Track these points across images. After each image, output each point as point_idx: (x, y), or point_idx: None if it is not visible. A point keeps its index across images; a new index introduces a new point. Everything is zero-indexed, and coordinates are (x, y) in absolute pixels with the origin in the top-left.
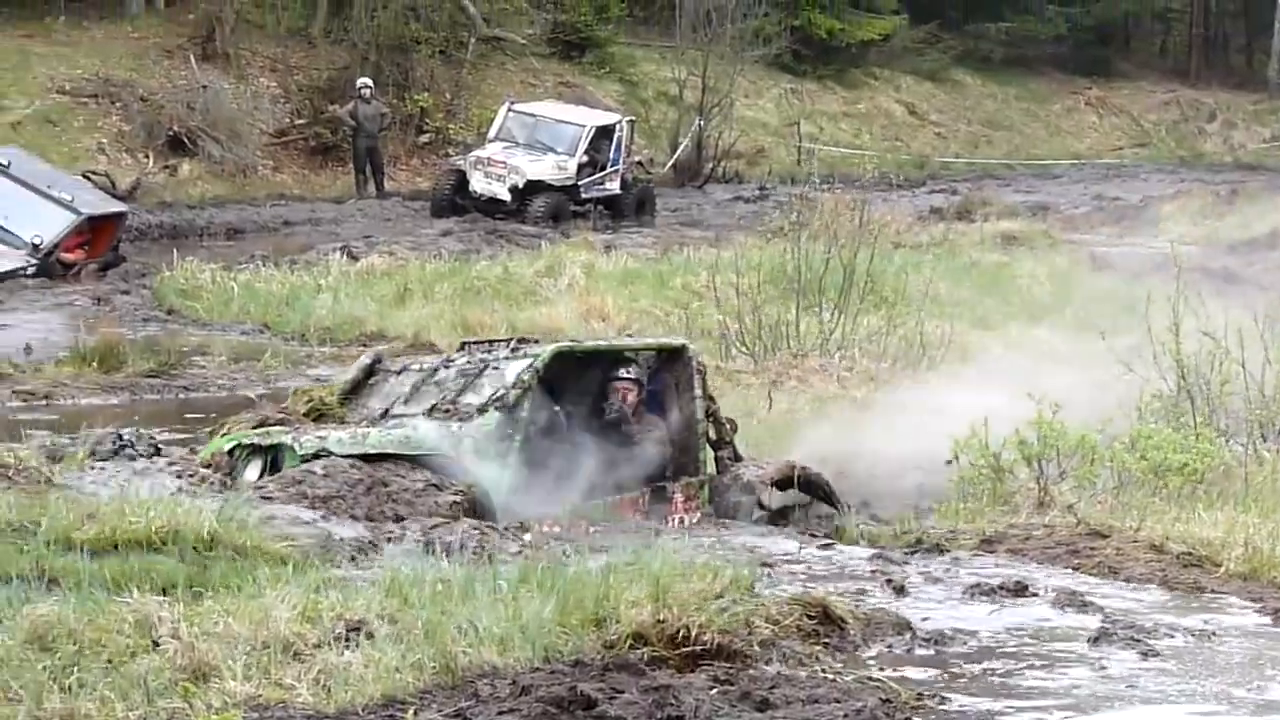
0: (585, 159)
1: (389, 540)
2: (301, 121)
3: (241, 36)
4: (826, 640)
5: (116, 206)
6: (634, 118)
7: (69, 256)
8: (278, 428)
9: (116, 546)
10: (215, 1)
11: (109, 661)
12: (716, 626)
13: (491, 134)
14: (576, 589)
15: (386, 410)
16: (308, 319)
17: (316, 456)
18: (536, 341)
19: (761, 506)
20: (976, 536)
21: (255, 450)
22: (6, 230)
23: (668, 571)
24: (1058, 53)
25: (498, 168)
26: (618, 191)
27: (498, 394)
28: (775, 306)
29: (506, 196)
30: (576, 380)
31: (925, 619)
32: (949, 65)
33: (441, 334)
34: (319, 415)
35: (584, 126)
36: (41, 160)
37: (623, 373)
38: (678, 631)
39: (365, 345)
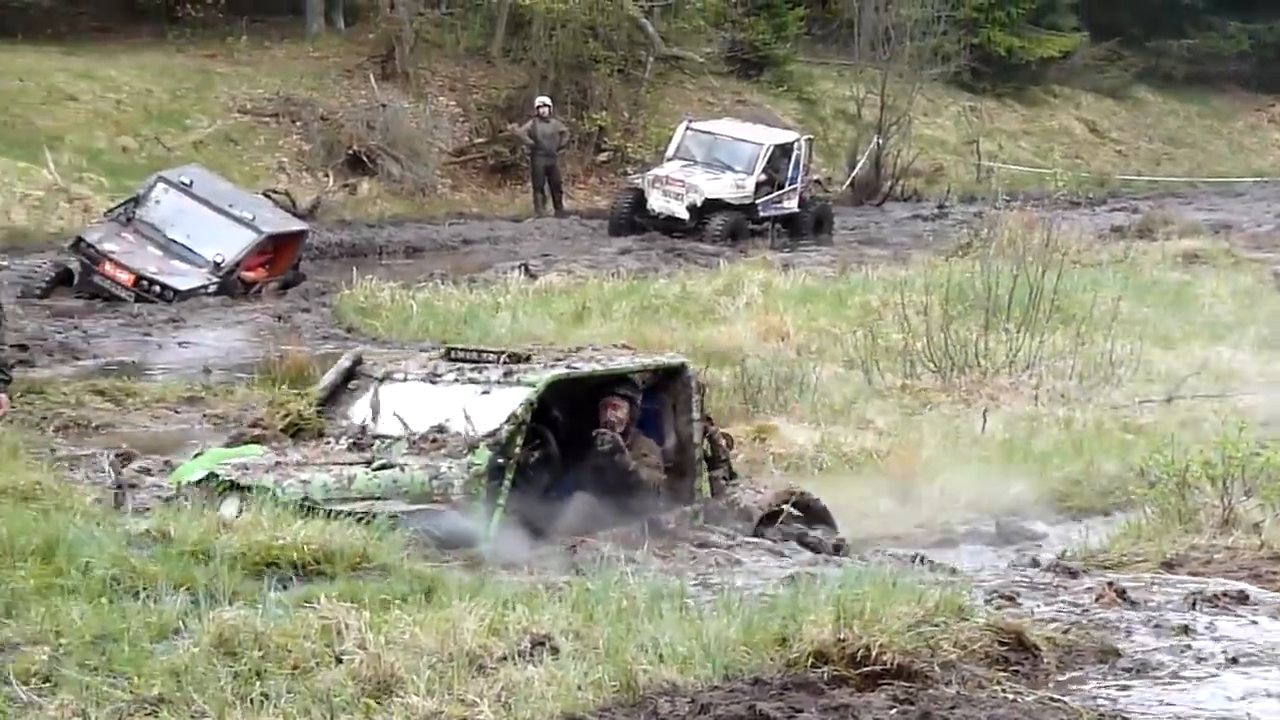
0: (763, 177)
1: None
2: (480, 140)
3: (421, 56)
4: (1017, 667)
5: (297, 225)
6: (812, 136)
7: (250, 275)
8: (254, 448)
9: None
10: (395, 21)
11: (294, 668)
12: (898, 647)
13: (669, 152)
14: (764, 610)
15: (364, 429)
16: (486, 337)
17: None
18: (527, 359)
19: (757, 533)
20: (1157, 558)
21: (232, 486)
22: (189, 249)
23: (852, 593)
24: (1240, 70)
25: (676, 186)
26: (796, 210)
27: (490, 430)
28: (958, 324)
29: (685, 215)
30: (568, 402)
31: (1129, 644)
32: (1130, 82)
33: None
34: (297, 430)
35: (762, 145)
36: (223, 179)
37: (618, 389)
38: (858, 651)
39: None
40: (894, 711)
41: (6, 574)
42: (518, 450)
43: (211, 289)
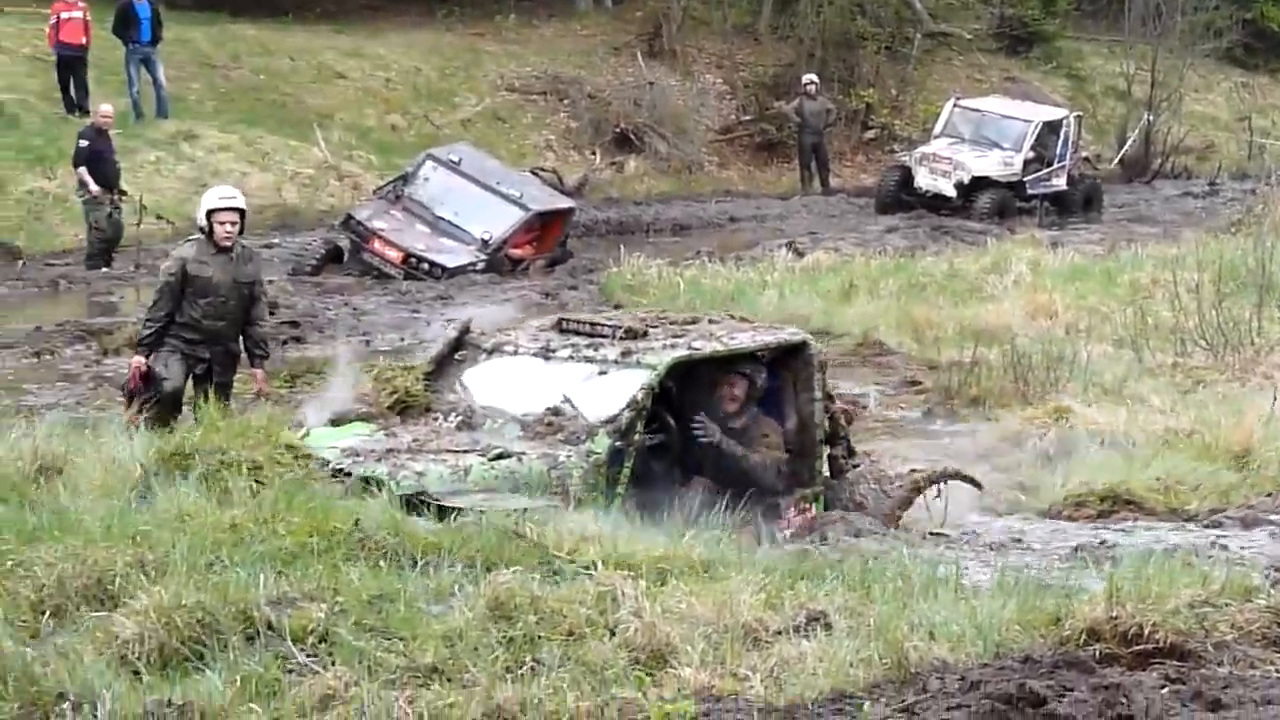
0: (1031, 155)
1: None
2: (747, 118)
3: (688, 33)
4: None
5: (564, 202)
6: (1081, 113)
7: (517, 252)
8: (361, 426)
9: None
10: None
11: (569, 634)
12: (1171, 626)
13: (937, 130)
14: (1039, 590)
15: (472, 407)
16: (753, 316)
17: (413, 499)
18: (644, 334)
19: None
20: None
21: (342, 474)
22: (457, 226)
23: (1132, 572)
24: None
25: (943, 164)
26: (1064, 188)
27: (610, 416)
28: (1230, 302)
29: (952, 193)
30: (685, 378)
31: None
32: None
33: (889, 330)
34: (404, 407)
35: (1030, 122)
36: (491, 157)
37: (739, 366)
38: (1130, 629)
39: None
40: (1165, 690)
41: (283, 535)
42: (637, 436)
43: (479, 266)
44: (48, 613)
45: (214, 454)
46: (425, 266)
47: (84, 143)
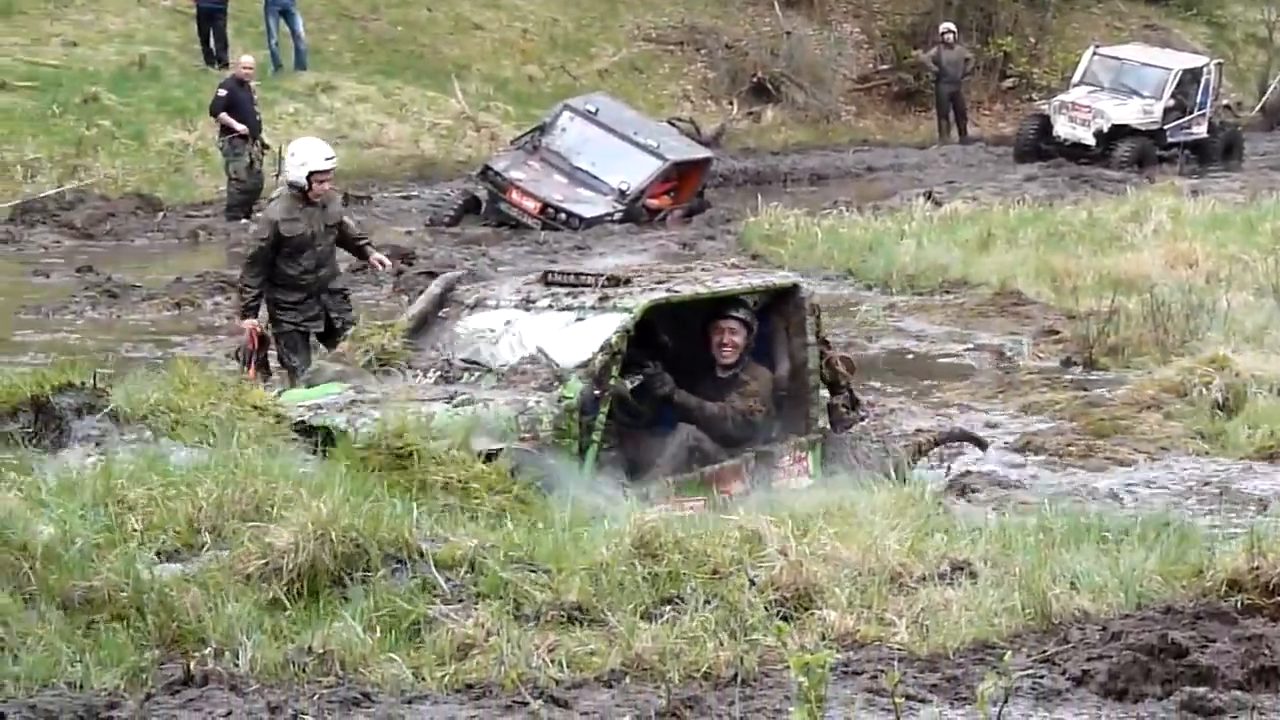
0: (1171, 103)
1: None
2: (884, 67)
3: None
4: None
5: (701, 153)
6: (1221, 60)
7: (655, 203)
8: (334, 386)
9: None
10: None
11: (713, 573)
12: None
13: (1075, 78)
14: (1181, 539)
15: (451, 360)
16: (891, 265)
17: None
18: (627, 282)
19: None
20: None
21: (305, 429)
22: (595, 177)
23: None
24: None
25: (1082, 112)
26: (1204, 135)
27: (582, 361)
28: None
29: (1091, 141)
30: (676, 327)
31: None
32: None
33: (1027, 280)
34: (381, 364)
35: (1170, 70)
36: (628, 107)
37: (730, 311)
38: (1273, 580)
39: (948, 293)
40: None
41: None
42: (613, 381)
43: (616, 216)
44: (203, 529)
45: (171, 413)
46: (563, 217)
47: (223, 92)
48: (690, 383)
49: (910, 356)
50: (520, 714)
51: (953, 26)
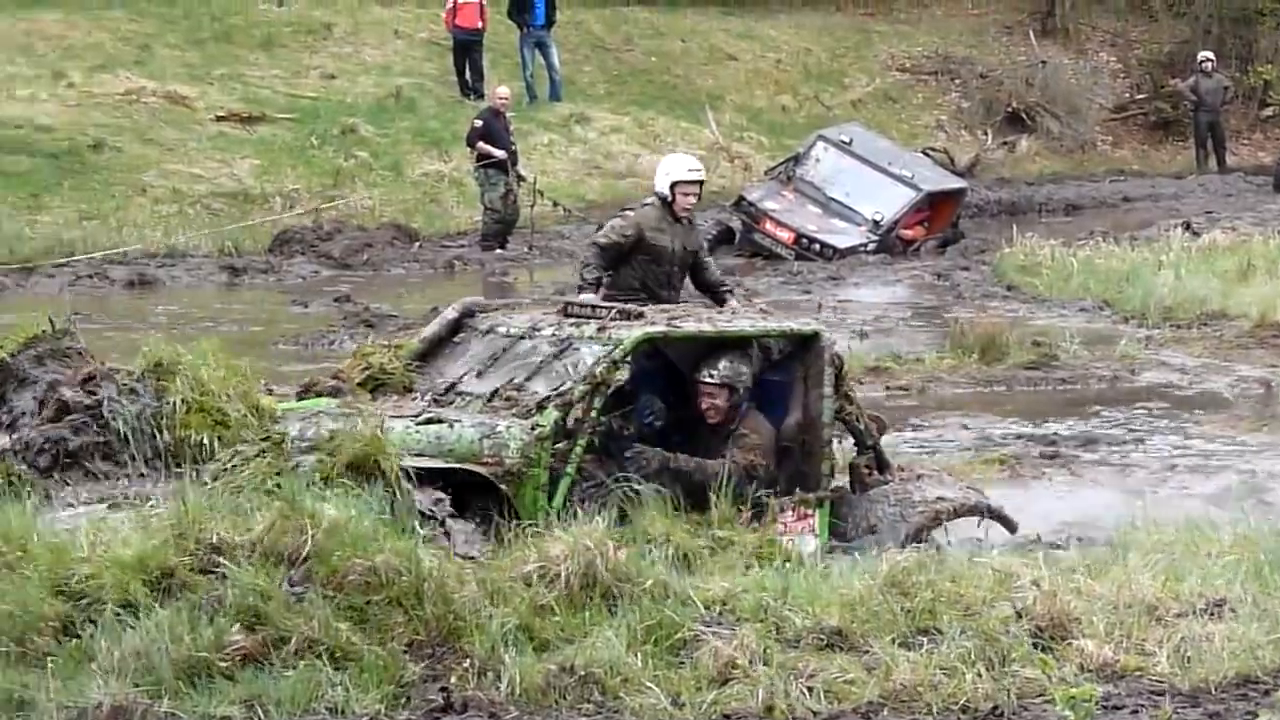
0: None
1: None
2: (1141, 96)
3: (1081, 11)
4: None
5: (956, 183)
6: None
7: (909, 233)
8: (322, 402)
9: None
10: None
11: (966, 610)
12: None
13: None
14: None
15: (452, 385)
16: (1148, 297)
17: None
18: (639, 316)
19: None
20: None
21: (267, 440)
22: (848, 207)
23: None
24: None
25: None
26: None
27: (560, 390)
28: None
29: None
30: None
31: None
32: None
33: None
34: (377, 385)
35: None
36: (882, 137)
37: (706, 375)
38: None
39: (1206, 325)
40: None
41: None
42: (594, 413)
43: (870, 247)
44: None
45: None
46: (816, 247)
47: (479, 123)
48: (694, 427)
49: (1175, 391)
50: None
51: (1211, 55)
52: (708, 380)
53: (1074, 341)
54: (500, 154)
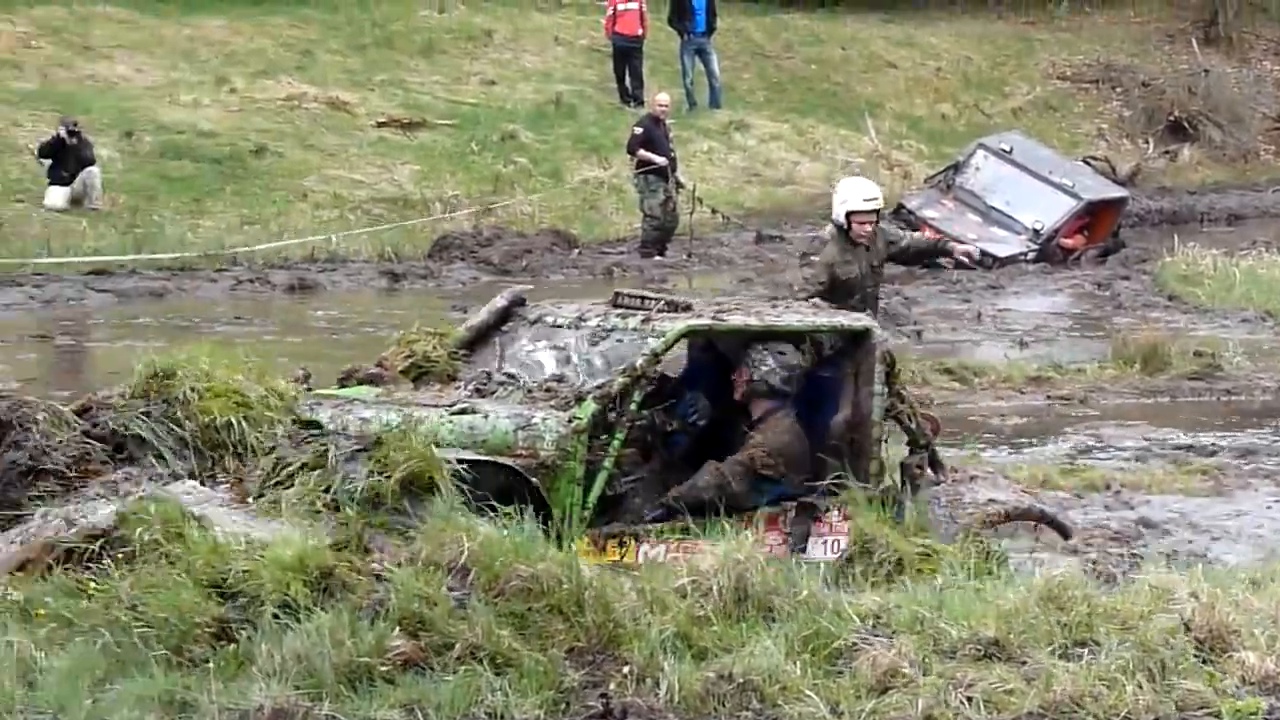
0: None
1: None
2: None
3: (1245, 19)
4: None
5: (1117, 192)
6: None
7: (1069, 242)
8: (363, 390)
9: None
10: None
11: (1123, 625)
12: None
13: None
14: None
15: (489, 375)
16: None
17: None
18: (688, 308)
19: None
20: None
21: (298, 423)
22: (1008, 215)
23: None
24: None
25: None
26: None
27: (600, 382)
28: None
29: None
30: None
31: None
32: None
33: None
34: (421, 372)
35: None
36: (1042, 146)
37: (755, 357)
38: None
39: None
40: None
41: None
42: (633, 407)
43: (1030, 256)
44: None
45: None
46: (976, 256)
47: (639, 130)
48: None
49: None
50: None
51: None
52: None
53: (1237, 352)
54: (660, 161)
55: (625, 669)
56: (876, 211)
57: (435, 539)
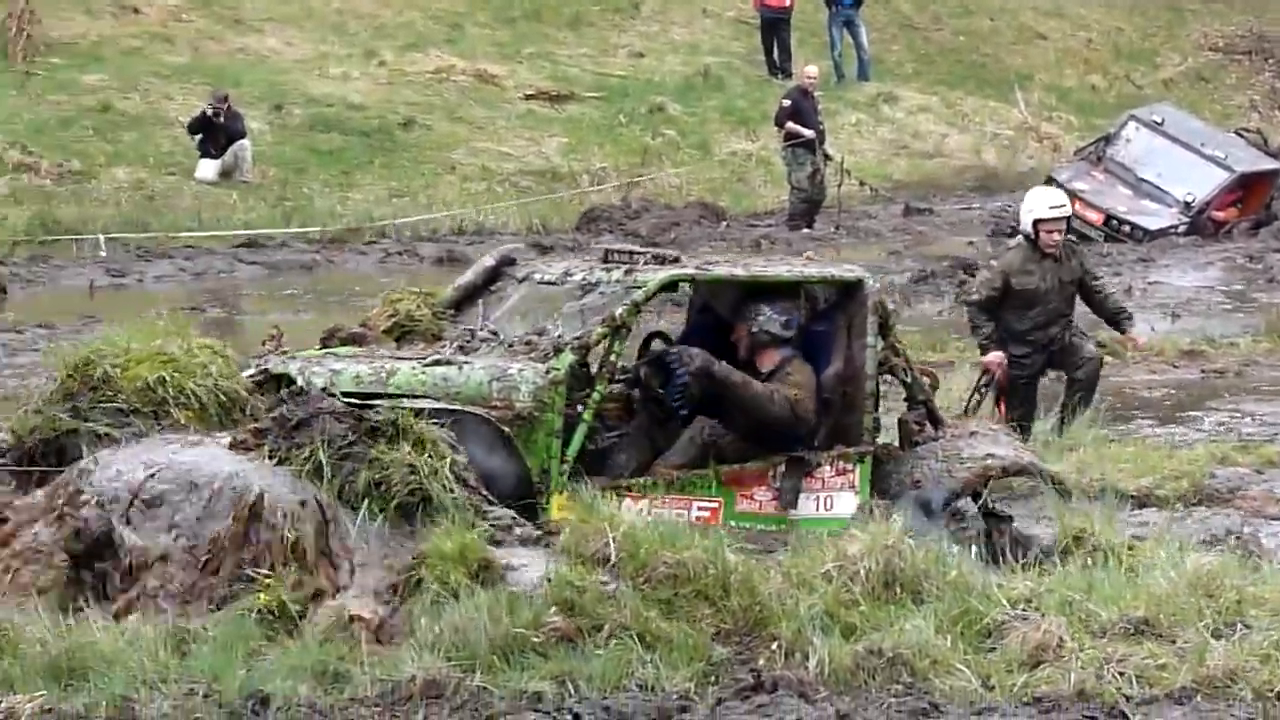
0: None
1: None
2: None
3: None
4: None
5: (1270, 164)
6: None
7: (1221, 215)
8: (344, 350)
9: None
10: None
11: (1273, 612)
12: None
13: None
14: None
15: (473, 332)
16: None
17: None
18: (675, 260)
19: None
20: None
21: (269, 379)
22: (1159, 188)
23: None
24: None
25: None
26: None
27: (579, 334)
28: None
29: None
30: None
31: None
32: None
33: None
34: (404, 332)
35: None
36: (1194, 117)
37: (751, 310)
38: None
39: None
40: None
41: None
42: (614, 357)
43: (1181, 229)
44: None
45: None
46: (1126, 228)
47: (787, 102)
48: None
49: None
50: None
51: None
52: (752, 315)
53: None
54: (809, 133)
55: (774, 645)
56: (1065, 219)
57: (579, 532)
